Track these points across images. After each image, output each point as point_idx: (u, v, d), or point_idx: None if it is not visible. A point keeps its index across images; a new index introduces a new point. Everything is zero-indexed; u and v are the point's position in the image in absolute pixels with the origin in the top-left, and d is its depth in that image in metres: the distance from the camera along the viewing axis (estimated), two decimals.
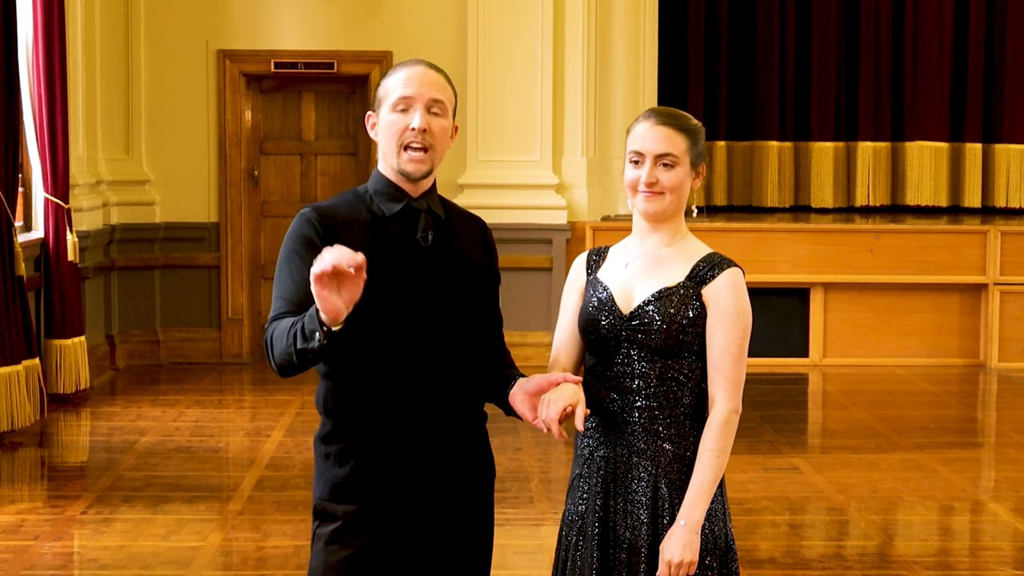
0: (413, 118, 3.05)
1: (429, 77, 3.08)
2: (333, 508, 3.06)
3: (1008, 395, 9.56)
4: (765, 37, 11.83)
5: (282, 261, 3.05)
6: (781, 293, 10.29)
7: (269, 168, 10.65)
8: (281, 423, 8.26)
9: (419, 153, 3.06)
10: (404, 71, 3.09)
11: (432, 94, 3.07)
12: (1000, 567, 5.63)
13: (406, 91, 3.06)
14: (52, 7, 8.48)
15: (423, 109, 3.05)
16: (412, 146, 3.05)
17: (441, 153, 3.11)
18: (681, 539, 3.03)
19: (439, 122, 3.08)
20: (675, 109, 3.26)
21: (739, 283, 3.14)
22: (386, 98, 3.09)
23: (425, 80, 3.07)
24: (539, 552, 5.79)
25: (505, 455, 7.36)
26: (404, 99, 3.06)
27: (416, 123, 3.04)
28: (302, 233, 3.03)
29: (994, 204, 11.95)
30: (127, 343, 10.28)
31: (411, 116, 3.05)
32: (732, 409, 3.10)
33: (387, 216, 3.08)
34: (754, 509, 6.45)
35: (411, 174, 3.07)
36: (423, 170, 3.07)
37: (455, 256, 3.10)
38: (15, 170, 8.08)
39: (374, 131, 3.14)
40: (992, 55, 11.99)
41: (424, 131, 3.04)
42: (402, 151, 3.06)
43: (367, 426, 3.04)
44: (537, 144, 10.31)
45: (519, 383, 3.12)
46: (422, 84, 3.07)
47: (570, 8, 10.34)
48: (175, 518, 6.21)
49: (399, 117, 3.06)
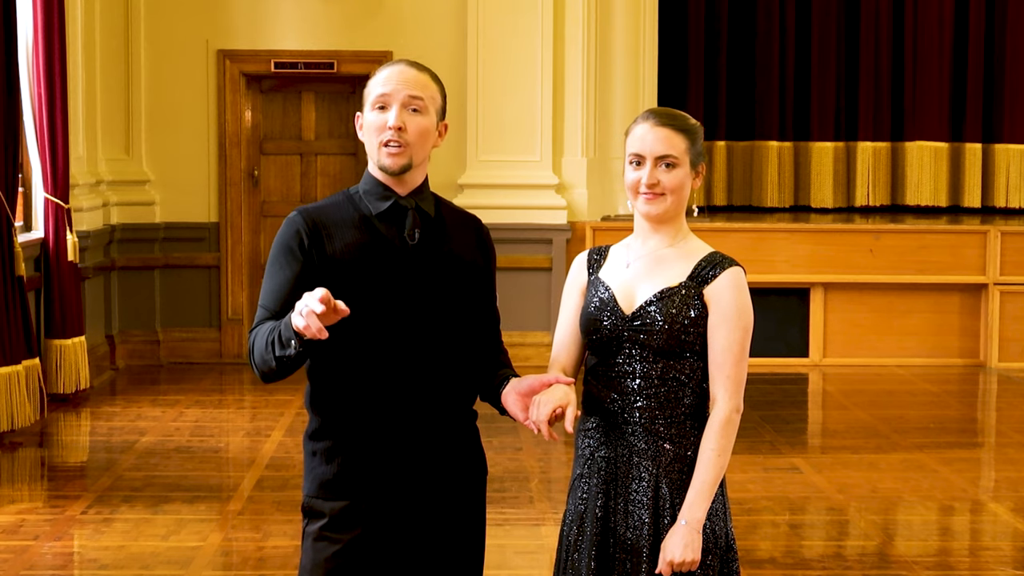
0: (389, 115, 3.06)
1: (408, 75, 3.09)
2: (321, 505, 3.07)
3: (1008, 395, 9.56)
4: (765, 37, 11.83)
5: (270, 260, 3.10)
6: (781, 293, 10.29)
7: (269, 168, 10.66)
8: (281, 423, 8.26)
9: (396, 149, 3.07)
10: (385, 70, 3.11)
11: (409, 91, 3.07)
12: (1000, 567, 5.63)
13: (384, 89, 3.08)
14: (52, 7, 8.47)
15: (399, 107, 3.06)
16: (389, 143, 3.07)
17: (422, 150, 3.10)
18: (682, 539, 3.03)
19: (417, 119, 3.08)
20: (673, 109, 3.26)
21: (740, 282, 3.14)
22: (367, 97, 3.12)
23: (403, 78, 3.08)
24: (539, 552, 5.79)
25: (505, 455, 7.36)
26: (382, 96, 3.08)
27: (392, 120, 3.05)
28: (286, 242, 3.06)
29: (994, 204, 11.96)
30: (127, 343, 10.28)
31: (388, 114, 3.07)
32: (733, 408, 3.10)
33: (374, 215, 3.09)
34: (754, 509, 6.45)
35: (389, 167, 3.08)
36: (401, 163, 3.07)
37: (444, 255, 3.10)
38: (15, 170, 8.08)
39: (361, 132, 3.16)
40: (992, 55, 11.99)
41: (400, 129, 3.05)
42: (380, 147, 3.08)
43: (352, 423, 3.06)
44: (537, 144, 10.31)
45: (512, 383, 3.13)
46: (399, 82, 3.07)
47: (570, 8, 10.34)
48: (175, 518, 6.21)
49: (377, 115, 3.08)
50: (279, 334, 2.86)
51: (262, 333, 2.96)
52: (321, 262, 3.02)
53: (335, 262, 3.02)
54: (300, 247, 3.03)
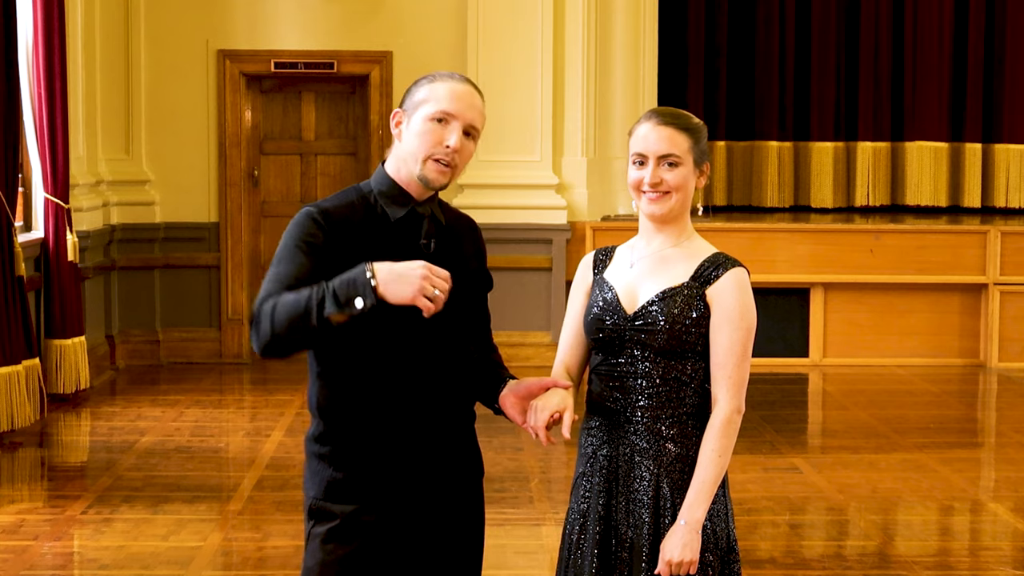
0: (451, 136, 3.03)
1: (475, 100, 3.07)
2: (330, 508, 3.07)
3: (1008, 395, 9.56)
4: (765, 37, 11.83)
5: (283, 249, 3.01)
6: (781, 293, 10.29)
7: (269, 168, 10.65)
8: (281, 423, 8.26)
9: (445, 168, 3.05)
10: (451, 83, 3.07)
11: (473, 119, 3.06)
12: (1000, 567, 5.63)
13: (450, 107, 3.03)
14: (52, 7, 8.47)
15: (460, 130, 3.04)
16: (441, 160, 3.04)
17: (461, 172, 3.11)
18: (681, 539, 3.03)
19: (470, 146, 3.08)
20: (676, 109, 3.26)
21: (743, 283, 3.14)
22: (425, 104, 3.05)
23: (471, 102, 3.06)
24: (539, 552, 5.79)
25: (505, 455, 7.36)
26: (446, 113, 3.03)
27: (452, 142, 3.03)
28: (308, 231, 3.00)
29: (994, 204, 11.95)
30: (127, 343, 10.28)
31: (449, 133, 3.03)
32: (734, 408, 3.10)
33: (392, 220, 3.07)
34: (754, 509, 6.45)
35: (432, 182, 3.05)
36: (443, 182, 3.06)
37: (455, 263, 3.09)
38: (15, 170, 8.08)
39: (398, 128, 3.10)
40: (992, 55, 11.98)
41: (456, 152, 3.04)
42: (430, 161, 3.04)
43: (360, 427, 3.05)
44: (537, 144, 10.31)
45: (509, 386, 3.14)
46: (468, 106, 3.05)
47: (570, 8, 10.34)
48: (175, 518, 6.21)
49: (435, 128, 3.03)
50: (334, 292, 2.80)
51: (287, 299, 2.87)
52: (336, 262, 2.94)
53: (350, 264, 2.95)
54: (317, 243, 2.98)
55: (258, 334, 2.91)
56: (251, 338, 2.97)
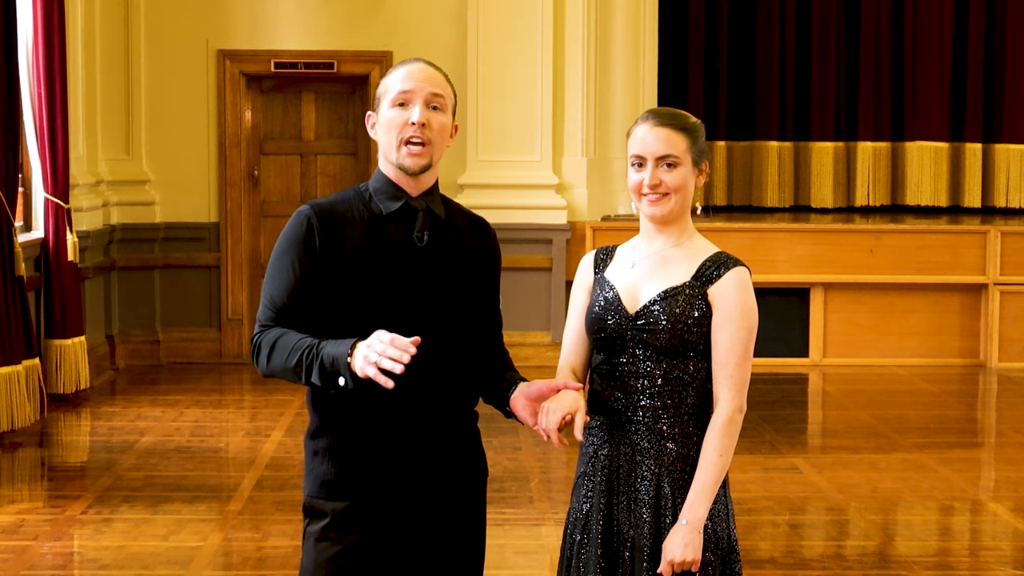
0: (412, 112, 3.04)
1: (428, 73, 3.09)
2: (322, 505, 3.07)
3: (1008, 395, 9.56)
4: (765, 37, 11.83)
5: (275, 258, 3.08)
6: (781, 293, 10.29)
7: (269, 168, 10.65)
8: (281, 423, 8.26)
9: (418, 147, 3.05)
10: (403, 68, 3.10)
11: (432, 88, 3.07)
12: (1000, 567, 5.63)
13: (405, 86, 3.06)
14: (52, 7, 8.47)
15: (422, 103, 3.05)
16: (412, 140, 3.05)
17: (440, 149, 3.10)
18: (683, 538, 3.03)
19: (438, 117, 3.07)
20: (673, 109, 3.26)
21: (745, 282, 3.14)
22: (385, 95, 3.09)
23: (424, 75, 3.08)
24: (539, 552, 5.79)
25: (505, 455, 7.36)
26: (403, 93, 3.06)
27: (415, 116, 3.04)
28: (299, 235, 3.04)
29: (994, 204, 11.96)
30: (127, 343, 10.28)
31: (410, 110, 3.05)
32: (736, 408, 3.10)
33: (384, 214, 3.08)
34: (754, 509, 6.44)
35: (409, 168, 3.06)
36: (421, 164, 3.06)
37: (451, 257, 3.10)
38: (15, 170, 8.08)
39: (374, 130, 3.13)
40: (992, 55, 11.99)
41: (423, 125, 3.04)
42: (401, 146, 3.06)
43: (354, 423, 3.05)
44: (537, 144, 10.31)
45: (520, 388, 3.13)
46: (421, 79, 3.07)
47: (570, 8, 10.34)
48: (175, 518, 6.21)
49: (398, 112, 3.06)
50: (320, 363, 2.89)
51: (284, 344, 2.97)
52: (329, 259, 3.01)
53: (343, 260, 3.02)
54: (310, 242, 3.02)
55: (257, 363, 3.05)
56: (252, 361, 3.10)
